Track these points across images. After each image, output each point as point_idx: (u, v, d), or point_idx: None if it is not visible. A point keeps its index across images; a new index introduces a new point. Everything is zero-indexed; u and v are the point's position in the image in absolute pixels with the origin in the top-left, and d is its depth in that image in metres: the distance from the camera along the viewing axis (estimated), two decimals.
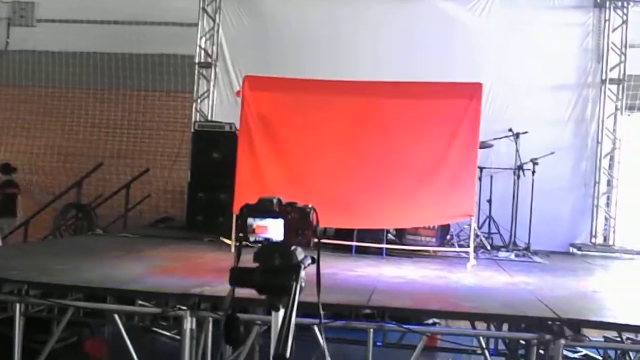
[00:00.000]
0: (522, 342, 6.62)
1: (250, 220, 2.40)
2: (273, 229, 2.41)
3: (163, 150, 13.00)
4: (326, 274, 7.08)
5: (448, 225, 9.69)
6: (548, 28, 11.23)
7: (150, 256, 8.00)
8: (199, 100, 11.89)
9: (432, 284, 7.13)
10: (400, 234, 9.62)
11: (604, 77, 11.26)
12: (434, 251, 9.51)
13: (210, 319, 5.67)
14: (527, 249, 10.10)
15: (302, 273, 2.42)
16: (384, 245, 9.13)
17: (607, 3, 11.26)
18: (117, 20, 13.11)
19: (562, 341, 5.26)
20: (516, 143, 10.37)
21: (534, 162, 10.20)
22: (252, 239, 2.43)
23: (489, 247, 10.05)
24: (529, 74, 11.11)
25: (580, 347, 6.90)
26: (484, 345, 6.43)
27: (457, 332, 6.19)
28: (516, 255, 9.84)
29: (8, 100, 13.52)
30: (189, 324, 5.58)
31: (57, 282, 6.01)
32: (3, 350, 5.88)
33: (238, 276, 2.35)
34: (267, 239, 2.42)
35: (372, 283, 6.74)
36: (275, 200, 2.42)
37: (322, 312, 2.66)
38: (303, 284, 2.44)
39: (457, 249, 9.46)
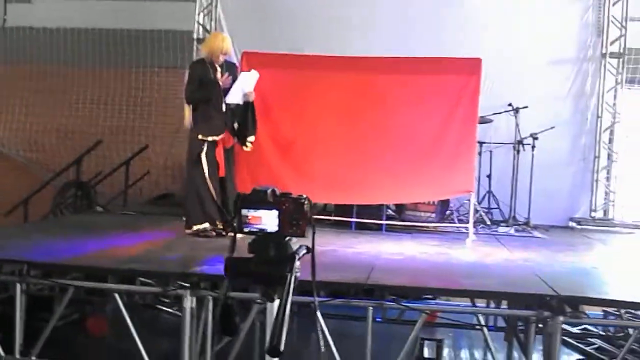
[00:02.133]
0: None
1: (244, 211, 2.40)
2: (267, 219, 2.40)
3: (163, 126, 12.95)
4: (326, 251, 7.20)
5: (448, 201, 9.70)
6: (548, 3, 11.15)
7: (150, 233, 8.03)
8: None
9: (432, 260, 7.15)
10: (400, 210, 9.63)
11: (604, 51, 11.18)
12: (434, 227, 9.52)
13: (210, 298, 5.69)
14: (526, 223, 10.12)
15: (297, 263, 2.42)
16: (384, 222, 9.15)
17: None
18: None
19: (561, 318, 5.29)
20: (516, 118, 10.34)
21: (534, 136, 10.18)
22: (246, 229, 2.43)
23: (488, 222, 10.06)
24: (528, 48, 11.01)
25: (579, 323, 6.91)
26: (482, 322, 6.45)
27: (455, 310, 6.20)
28: (516, 230, 9.86)
29: (6, 78, 13.43)
30: (189, 302, 5.61)
31: (56, 261, 6.02)
32: (7, 329, 5.92)
33: (233, 266, 2.36)
34: (261, 230, 2.42)
35: (371, 260, 6.76)
36: (269, 191, 2.41)
37: (316, 297, 2.64)
38: (298, 274, 2.44)
39: (457, 225, 9.47)
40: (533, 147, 10.19)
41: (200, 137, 7.82)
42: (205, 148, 7.80)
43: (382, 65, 9.03)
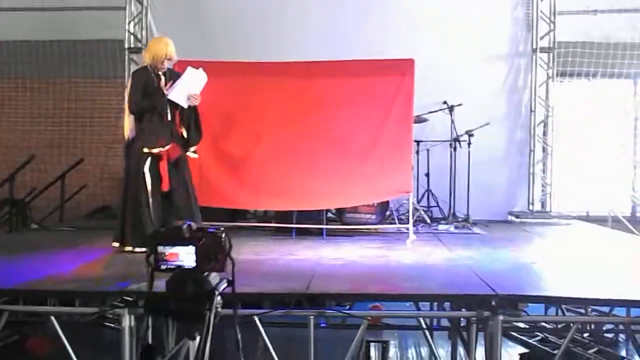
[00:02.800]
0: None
1: (160, 248, 2.34)
2: (185, 255, 2.35)
3: (99, 138, 12.75)
4: (267, 260, 7.15)
5: (387, 201, 9.71)
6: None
7: (86, 250, 7.87)
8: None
9: (372, 264, 7.13)
10: (340, 212, 9.64)
11: (534, 46, 11.37)
12: (375, 229, 9.54)
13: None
14: (466, 220, 10.21)
15: (218, 299, 2.36)
16: (324, 226, 9.13)
17: None
18: (43, 7, 12.76)
19: (500, 317, 5.32)
20: (451, 115, 10.44)
21: (469, 133, 10.30)
22: (163, 267, 2.37)
23: (428, 221, 10.14)
24: (461, 45, 11.15)
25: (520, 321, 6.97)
26: (426, 324, 6.47)
27: (394, 315, 6.21)
28: (456, 227, 9.95)
29: None
30: (127, 321, 5.49)
31: None
32: None
33: (152, 305, 2.30)
34: (178, 266, 2.36)
35: (312, 267, 6.72)
36: (185, 227, 2.35)
37: (236, 319, 2.59)
38: (219, 309, 2.39)
39: (397, 225, 9.49)
40: (469, 143, 10.30)
41: (145, 149, 7.44)
42: (148, 162, 7.44)
43: (315, 69, 9.00)
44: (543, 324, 8.20)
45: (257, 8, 11.33)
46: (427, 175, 10.48)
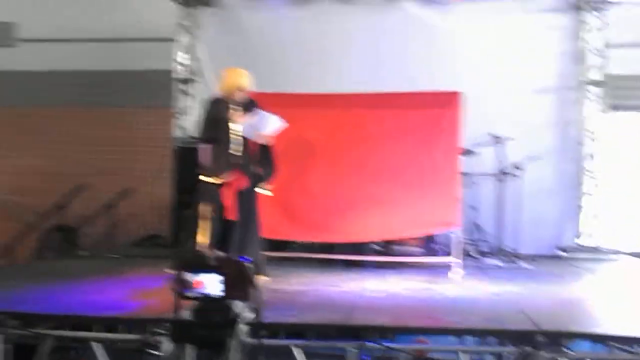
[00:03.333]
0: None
1: (186, 275, 2.35)
2: (210, 284, 2.35)
3: (147, 167, 12.89)
4: (308, 291, 7.13)
5: (434, 234, 9.63)
6: (527, 32, 11.22)
7: (133, 278, 7.95)
8: (179, 116, 11.90)
9: (415, 297, 7.08)
10: (387, 245, 9.57)
11: (584, 79, 11.25)
12: (420, 261, 9.46)
13: None
14: (513, 254, 10.08)
15: (243, 327, 2.36)
16: (369, 257, 9.10)
17: (585, 5, 11.26)
18: (93, 38, 13.03)
19: (543, 354, 5.23)
20: (499, 148, 10.34)
21: (517, 167, 10.19)
22: (189, 294, 2.37)
23: (475, 255, 10.02)
24: (510, 78, 11.07)
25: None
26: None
27: (434, 349, 6.11)
28: (502, 262, 9.81)
29: None
30: (167, 348, 5.52)
31: (33, 311, 5.96)
32: None
33: (178, 333, 2.31)
34: (204, 294, 2.37)
35: (353, 299, 6.71)
36: (211, 255, 2.36)
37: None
38: (243, 338, 2.38)
39: (443, 258, 9.39)
40: (516, 176, 10.18)
41: (208, 178, 7.51)
42: (208, 189, 7.49)
43: (360, 101, 9.05)
44: None
45: (301, 40, 11.42)
46: (474, 208, 10.37)
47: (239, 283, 2.37)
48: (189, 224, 7.79)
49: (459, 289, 7.60)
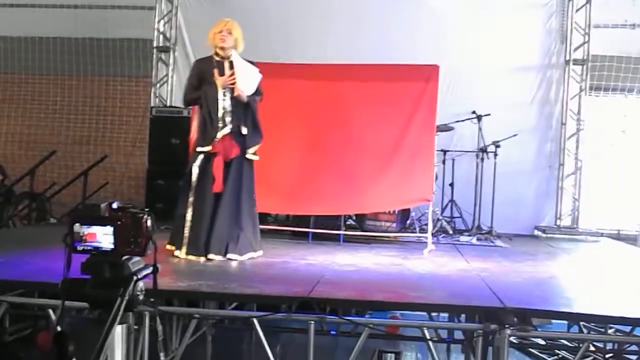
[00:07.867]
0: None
1: (77, 227, 2.21)
2: (102, 236, 2.21)
3: (126, 136, 12.78)
4: (277, 263, 7.00)
5: (408, 210, 9.51)
6: (511, 9, 11.07)
7: None
8: (157, 85, 11.72)
9: (384, 271, 6.94)
10: (360, 219, 9.47)
11: (567, 58, 11.12)
12: (394, 237, 9.36)
13: (147, 313, 5.46)
14: (489, 232, 9.98)
15: (141, 284, 2.22)
16: (341, 232, 8.97)
17: None
18: (76, 5, 12.83)
19: (508, 331, 5.10)
20: (479, 125, 10.22)
21: (496, 144, 10.08)
22: (80, 247, 2.23)
23: (450, 232, 9.92)
24: (493, 55, 10.96)
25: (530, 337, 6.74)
26: (439, 336, 6.28)
27: (394, 323, 5.99)
28: (478, 240, 9.72)
29: None
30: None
31: None
32: None
33: (68, 289, 2.17)
34: (96, 248, 2.22)
35: (320, 272, 6.56)
36: (104, 205, 2.22)
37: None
38: (140, 296, 2.24)
39: (418, 234, 9.28)
40: (496, 154, 10.07)
41: (197, 148, 7.04)
42: (199, 160, 7.01)
43: (339, 72, 8.88)
44: (564, 341, 7.94)
45: (282, 10, 11.23)
46: (452, 185, 10.25)
47: (135, 236, 2.21)
48: (179, 194, 7.23)
49: (430, 265, 7.47)
